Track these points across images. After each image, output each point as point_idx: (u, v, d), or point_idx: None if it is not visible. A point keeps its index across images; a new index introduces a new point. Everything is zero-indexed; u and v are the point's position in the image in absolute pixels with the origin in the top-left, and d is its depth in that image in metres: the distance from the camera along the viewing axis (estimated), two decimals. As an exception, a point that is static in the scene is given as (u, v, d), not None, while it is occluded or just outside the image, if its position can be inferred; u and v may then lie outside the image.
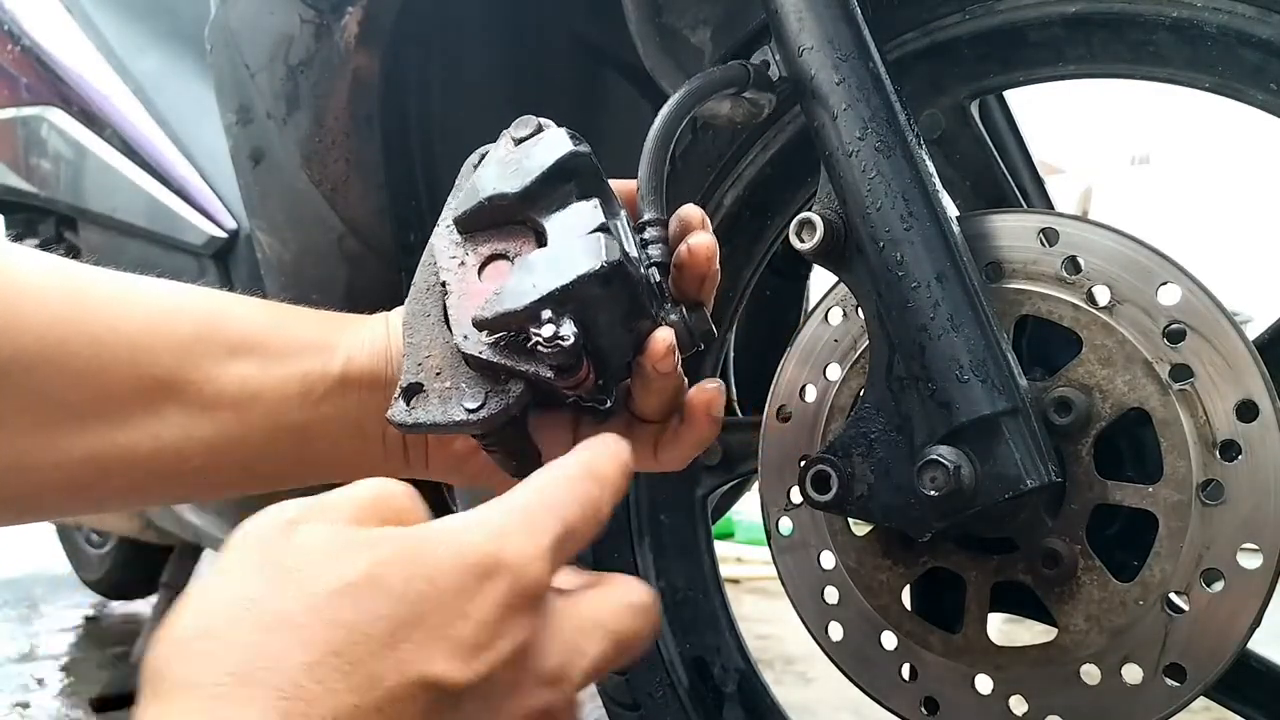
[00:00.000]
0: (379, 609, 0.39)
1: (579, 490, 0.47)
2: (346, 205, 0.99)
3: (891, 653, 0.74)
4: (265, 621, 0.38)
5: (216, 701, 0.37)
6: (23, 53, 1.60)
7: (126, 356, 0.62)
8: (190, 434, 0.64)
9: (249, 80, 0.99)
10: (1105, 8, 0.70)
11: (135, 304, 0.64)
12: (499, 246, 0.60)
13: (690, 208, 0.65)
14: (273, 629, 0.38)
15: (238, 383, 0.64)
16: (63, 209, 1.59)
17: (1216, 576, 0.63)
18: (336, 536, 0.41)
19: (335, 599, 0.39)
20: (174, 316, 0.65)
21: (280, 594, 0.39)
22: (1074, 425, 0.66)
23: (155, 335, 0.63)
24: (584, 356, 0.56)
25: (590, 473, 0.48)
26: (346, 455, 0.68)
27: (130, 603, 2.83)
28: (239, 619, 0.39)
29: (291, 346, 0.66)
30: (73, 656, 2.45)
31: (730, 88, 0.69)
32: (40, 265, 0.62)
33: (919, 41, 0.77)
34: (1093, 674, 0.67)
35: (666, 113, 0.66)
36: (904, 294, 0.65)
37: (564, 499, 0.46)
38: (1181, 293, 0.64)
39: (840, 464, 0.68)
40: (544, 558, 0.43)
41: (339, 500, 0.44)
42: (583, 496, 0.47)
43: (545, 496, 0.46)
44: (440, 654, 0.40)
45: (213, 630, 0.39)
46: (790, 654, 2.17)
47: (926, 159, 0.67)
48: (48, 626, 2.74)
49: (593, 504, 0.47)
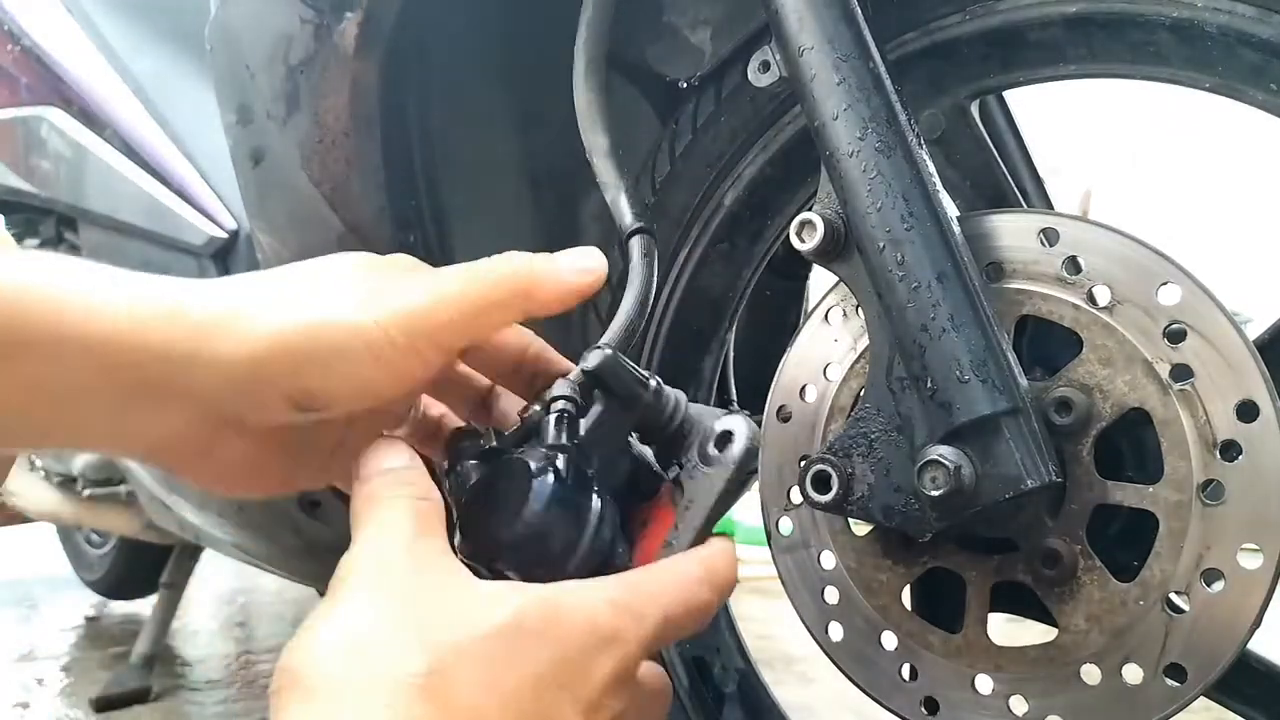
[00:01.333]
0: (531, 656, 0.45)
1: (693, 592, 0.52)
2: (346, 205, 0.99)
3: (891, 653, 0.74)
4: (432, 640, 0.45)
5: (410, 694, 0.42)
6: (23, 53, 1.60)
7: None
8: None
9: (249, 80, 0.99)
10: (1106, 8, 0.70)
11: None
12: None
13: None
14: (439, 649, 0.44)
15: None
16: (63, 209, 1.59)
17: (1217, 576, 0.63)
18: (472, 589, 0.48)
19: (493, 640, 0.45)
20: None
21: (439, 620, 0.45)
22: (1074, 425, 0.66)
23: None
24: None
25: (709, 578, 0.53)
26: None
27: (130, 603, 2.83)
28: (402, 632, 0.45)
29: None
30: (73, 656, 2.46)
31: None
32: None
33: (919, 41, 0.77)
34: (1093, 674, 0.67)
35: None
36: (904, 294, 0.64)
37: (678, 597, 0.51)
38: (1182, 293, 0.64)
39: (840, 464, 0.68)
40: (646, 643, 0.49)
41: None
42: (693, 599, 0.52)
43: (666, 588, 0.51)
44: (571, 707, 0.46)
45: (378, 639, 0.44)
46: (790, 654, 2.17)
47: (927, 159, 0.67)
48: (48, 626, 2.74)
49: (701, 608, 0.53)
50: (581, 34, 0.80)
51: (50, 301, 0.48)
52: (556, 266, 0.56)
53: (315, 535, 1.34)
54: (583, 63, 0.80)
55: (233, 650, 2.49)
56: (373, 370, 0.51)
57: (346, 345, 0.51)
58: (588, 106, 0.80)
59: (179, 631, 2.59)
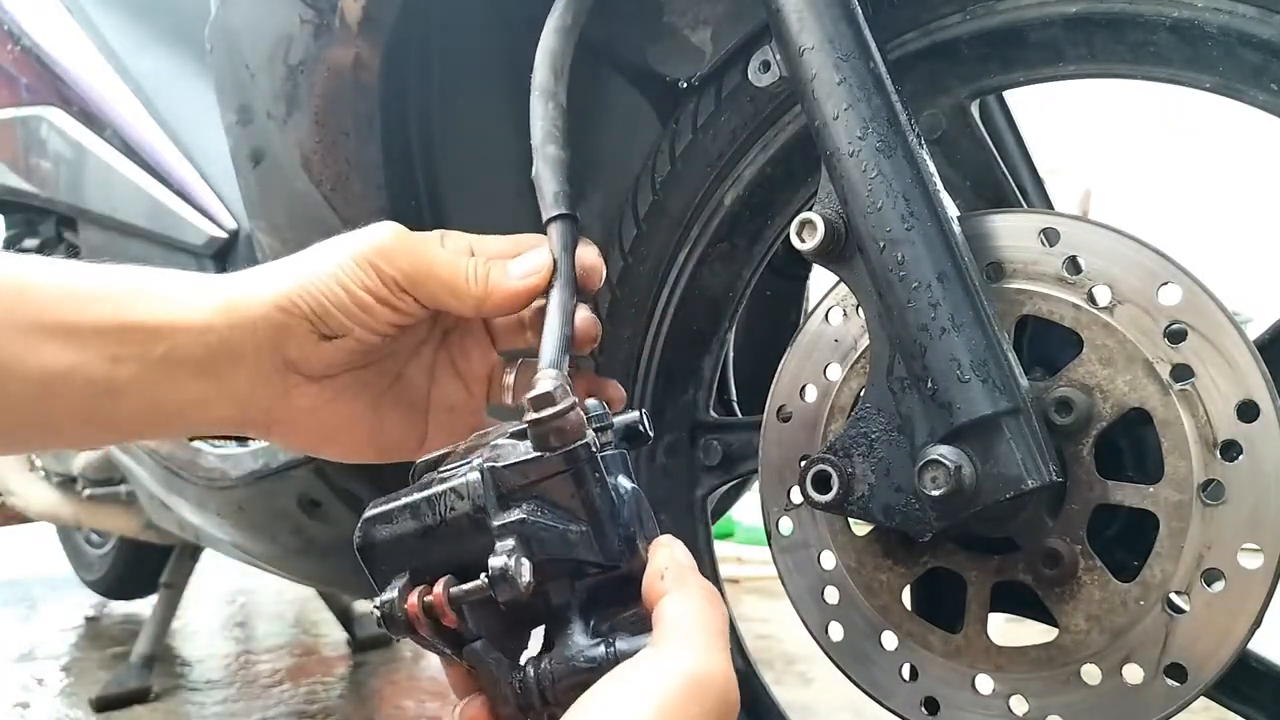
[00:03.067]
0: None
1: (719, 612, 0.56)
2: (346, 205, 0.99)
3: (892, 653, 0.74)
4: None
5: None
6: (23, 53, 1.60)
7: None
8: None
9: (249, 80, 0.99)
10: (1106, 8, 0.70)
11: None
12: None
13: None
14: None
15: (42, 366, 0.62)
16: (63, 209, 1.59)
17: (1217, 576, 0.63)
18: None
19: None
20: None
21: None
22: (1075, 425, 0.66)
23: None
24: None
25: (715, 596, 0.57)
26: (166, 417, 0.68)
27: (130, 603, 2.84)
28: None
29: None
30: (73, 656, 2.46)
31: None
32: None
33: (920, 41, 0.77)
34: (1093, 674, 0.67)
35: None
36: (905, 294, 0.64)
37: (721, 622, 0.56)
38: (1182, 293, 0.64)
39: (841, 464, 0.68)
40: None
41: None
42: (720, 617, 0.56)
43: (717, 620, 0.55)
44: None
45: None
46: (790, 654, 2.17)
47: (927, 159, 0.67)
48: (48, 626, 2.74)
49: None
50: (550, 23, 0.80)
51: (157, 300, 0.64)
52: (506, 274, 0.69)
53: (315, 535, 1.33)
54: (542, 52, 0.80)
55: (233, 650, 2.49)
56: (359, 295, 0.65)
57: (335, 275, 0.65)
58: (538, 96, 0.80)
59: (179, 631, 2.59)
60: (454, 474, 0.58)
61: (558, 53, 0.79)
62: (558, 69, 0.79)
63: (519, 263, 0.69)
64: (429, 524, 0.57)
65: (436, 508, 0.57)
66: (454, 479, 0.57)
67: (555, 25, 0.79)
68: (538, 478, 0.57)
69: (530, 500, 0.57)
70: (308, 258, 0.67)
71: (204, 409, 0.67)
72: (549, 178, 0.75)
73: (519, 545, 0.55)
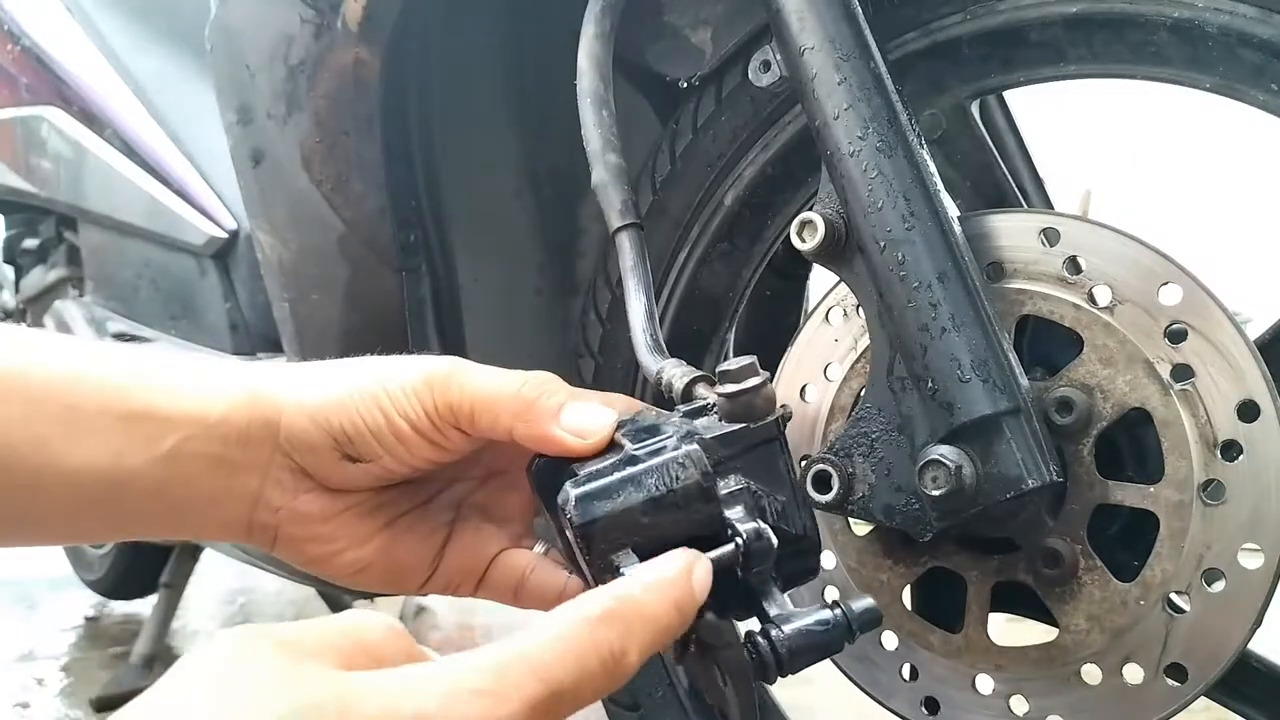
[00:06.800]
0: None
1: (589, 641, 0.40)
2: (346, 205, 0.99)
3: (892, 653, 0.74)
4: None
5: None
6: (23, 53, 1.60)
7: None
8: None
9: (249, 80, 0.99)
10: (1106, 8, 0.70)
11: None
12: None
13: None
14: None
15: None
16: (63, 209, 1.59)
17: (1217, 576, 0.63)
18: (281, 672, 0.38)
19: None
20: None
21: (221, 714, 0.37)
22: (1075, 425, 0.66)
23: None
24: None
25: (616, 614, 0.41)
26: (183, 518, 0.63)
27: (130, 603, 2.83)
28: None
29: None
30: (73, 656, 2.46)
31: None
32: None
33: (920, 41, 0.77)
34: (1094, 674, 0.67)
35: None
36: (905, 294, 0.65)
37: (561, 654, 0.40)
38: (1182, 292, 0.64)
39: (841, 464, 0.68)
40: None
41: (313, 633, 0.40)
42: (592, 648, 0.40)
43: (536, 650, 0.39)
44: None
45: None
46: (790, 654, 2.17)
47: (928, 159, 0.67)
48: (48, 626, 2.74)
49: (606, 656, 0.40)
50: (587, 29, 0.80)
51: (171, 390, 0.58)
52: (555, 417, 0.58)
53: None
54: (586, 58, 0.80)
55: (233, 650, 2.49)
56: (398, 423, 0.58)
57: (376, 397, 0.59)
58: (588, 103, 0.80)
59: (179, 631, 2.59)
60: (654, 450, 0.56)
61: (602, 59, 0.79)
62: (605, 75, 0.78)
63: (577, 412, 0.59)
64: (655, 494, 0.54)
65: (664, 478, 0.55)
66: (666, 452, 0.55)
67: (595, 31, 0.79)
68: (743, 449, 0.56)
69: (734, 473, 0.56)
70: (351, 370, 0.61)
71: (217, 508, 0.60)
72: (615, 187, 0.75)
73: (748, 513, 0.54)
